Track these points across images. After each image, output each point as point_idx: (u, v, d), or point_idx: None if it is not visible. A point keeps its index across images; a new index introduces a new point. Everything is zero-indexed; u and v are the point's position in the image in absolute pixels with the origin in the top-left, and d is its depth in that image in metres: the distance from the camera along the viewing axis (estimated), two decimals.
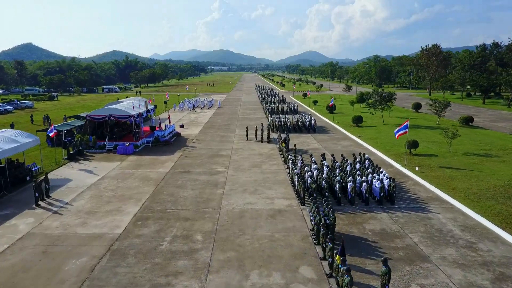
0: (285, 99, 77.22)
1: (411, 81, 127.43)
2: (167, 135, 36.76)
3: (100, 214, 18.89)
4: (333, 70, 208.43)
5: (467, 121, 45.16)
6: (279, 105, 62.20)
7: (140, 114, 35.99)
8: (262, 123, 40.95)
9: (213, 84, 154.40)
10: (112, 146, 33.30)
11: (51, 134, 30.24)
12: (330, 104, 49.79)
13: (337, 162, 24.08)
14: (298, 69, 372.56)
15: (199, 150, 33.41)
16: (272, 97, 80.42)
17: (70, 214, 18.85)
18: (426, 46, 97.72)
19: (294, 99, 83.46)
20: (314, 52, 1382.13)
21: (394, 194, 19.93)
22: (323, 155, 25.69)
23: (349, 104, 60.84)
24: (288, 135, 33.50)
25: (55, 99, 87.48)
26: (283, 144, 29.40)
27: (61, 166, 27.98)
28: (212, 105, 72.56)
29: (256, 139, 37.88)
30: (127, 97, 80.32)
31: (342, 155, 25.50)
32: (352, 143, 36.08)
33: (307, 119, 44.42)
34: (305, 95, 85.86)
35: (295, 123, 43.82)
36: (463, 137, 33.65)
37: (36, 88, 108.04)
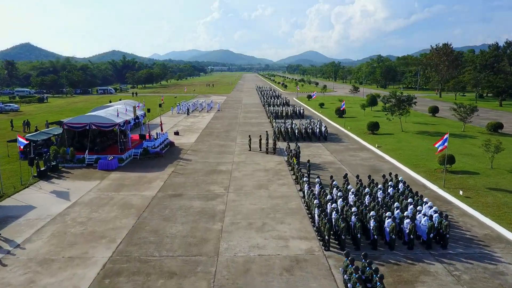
0: (288, 101, 72.38)
1: (419, 82, 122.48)
2: (158, 146, 31.97)
3: (58, 265, 14.09)
4: (336, 70, 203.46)
5: (496, 127, 40.35)
6: (283, 108, 57.38)
7: (126, 122, 31.19)
8: (266, 131, 36.15)
9: (213, 85, 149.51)
10: (93, 159, 28.54)
11: (20, 147, 25.61)
12: (341, 107, 44.95)
13: (365, 187, 19.28)
14: (299, 69, 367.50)
15: (194, 164, 28.63)
16: (274, 99, 75.59)
17: (17, 265, 14.06)
18: (436, 46, 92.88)
19: (298, 101, 78.74)
20: (314, 52, 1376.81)
21: (447, 236, 15.14)
22: (345, 177, 20.85)
23: (360, 107, 55.97)
24: (299, 147, 28.71)
25: (45, 101, 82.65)
26: (294, 159, 24.58)
27: (27, 187, 23.17)
28: (211, 107, 67.80)
29: (260, 150, 33.15)
30: (120, 99, 75.60)
31: (369, 177, 20.68)
32: (372, 155, 31.27)
33: (317, 126, 39.65)
34: (309, 97, 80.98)
35: (303, 129, 39.03)
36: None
37: (26, 89, 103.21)
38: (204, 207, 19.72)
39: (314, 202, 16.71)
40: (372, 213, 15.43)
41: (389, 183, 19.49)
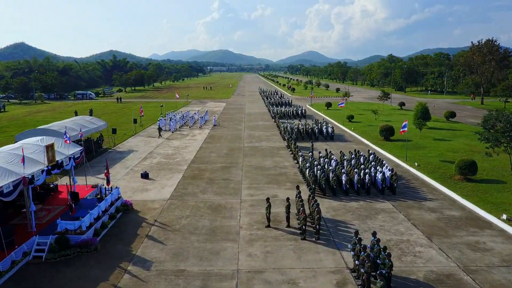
0: (305, 111, 56.78)
1: (446, 85, 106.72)
2: (90, 227, 16.24)
3: None
4: (344, 71, 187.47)
5: None
6: (304, 125, 41.84)
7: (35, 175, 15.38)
8: (297, 187, 20.20)
9: (211, 88, 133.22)
10: None
11: None
12: (402, 130, 29.00)
13: None
14: (301, 69, 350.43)
15: (154, 284, 12.97)
16: (284, 107, 59.92)
17: None
18: (478, 42, 77.06)
19: (316, 111, 63.07)
20: (314, 52, 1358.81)
21: None
22: None
23: (414, 125, 39.70)
24: (387, 251, 12.99)
25: (1, 110, 66.94)
26: None
27: None
28: (206, 121, 52.09)
29: (288, 225, 17.70)
30: (91, 110, 59.78)
31: None
32: None
33: (373, 164, 24.14)
34: (329, 104, 65.38)
35: (354, 175, 23.05)
36: None
37: None
38: None
39: None
40: None
41: None
